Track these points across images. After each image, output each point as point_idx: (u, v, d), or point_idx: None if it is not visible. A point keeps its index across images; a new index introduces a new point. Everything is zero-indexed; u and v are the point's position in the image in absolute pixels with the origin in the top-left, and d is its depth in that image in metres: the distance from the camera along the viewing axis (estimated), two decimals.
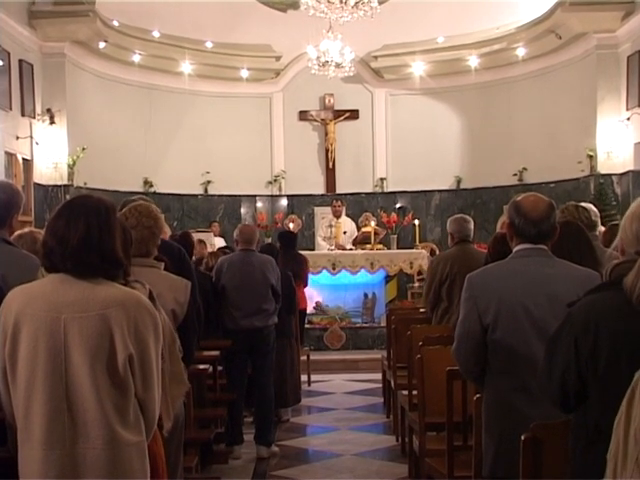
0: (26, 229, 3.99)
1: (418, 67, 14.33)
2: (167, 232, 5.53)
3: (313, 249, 12.70)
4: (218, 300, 6.42)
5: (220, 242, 11.77)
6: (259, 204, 14.92)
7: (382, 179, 14.91)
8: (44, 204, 11.53)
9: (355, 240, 12.07)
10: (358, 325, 11.57)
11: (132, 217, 3.80)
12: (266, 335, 6.51)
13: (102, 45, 12.59)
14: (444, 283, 6.07)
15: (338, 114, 14.86)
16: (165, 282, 3.76)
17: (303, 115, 14.95)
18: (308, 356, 9.58)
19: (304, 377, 9.22)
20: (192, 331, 4.04)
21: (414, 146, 14.68)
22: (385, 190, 14.87)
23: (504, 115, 14.11)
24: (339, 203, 12.44)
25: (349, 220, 12.66)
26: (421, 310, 7.22)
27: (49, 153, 11.79)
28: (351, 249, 11.89)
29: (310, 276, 10.12)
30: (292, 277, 7.47)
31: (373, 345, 11.14)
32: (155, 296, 2.72)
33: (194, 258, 7.20)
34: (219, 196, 14.66)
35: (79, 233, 2.29)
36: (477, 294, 3.01)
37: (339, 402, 8.44)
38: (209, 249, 9.15)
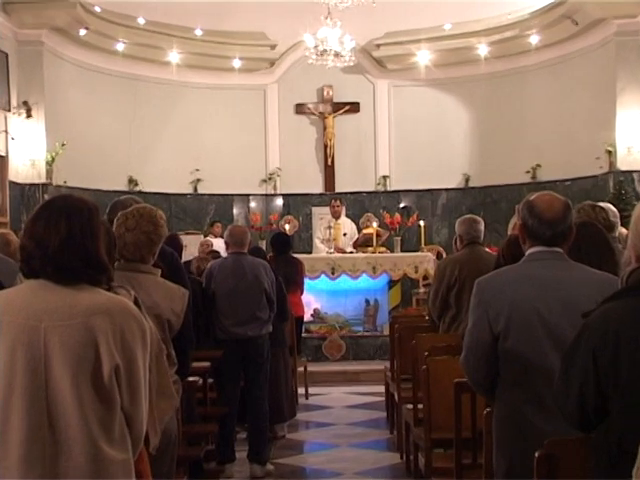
0: None
1: (423, 56, 14.35)
2: None
3: (311, 252, 12.73)
4: (208, 307, 6.44)
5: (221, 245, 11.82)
6: (252, 204, 14.95)
7: (385, 177, 14.98)
8: (20, 204, 11.50)
9: (356, 243, 12.10)
10: (359, 334, 11.59)
11: (132, 219, 3.85)
12: (260, 345, 6.52)
13: (83, 33, 12.56)
14: (452, 288, 6.09)
15: (337, 107, 14.92)
16: (161, 290, 3.78)
17: (300, 108, 15.01)
18: (305, 367, 9.58)
19: (301, 390, 9.22)
20: (188, 343, 4.07)
21: (419, 141, 14.72)
22: (388, 189, 14.94)
23: (516, 108, 14.15)
24: (338, 203, 12.48)
25: (349, 221, 12.70)
26: (427, 318, 7.22)
27: (26, 149, 11.76)
28: (351, 252, 11.93)
29: (307, 281, 10.14)
30: (282, 282, 7.44)
31: (375, 355, 11.17)
32: (141, 302, 2.73)
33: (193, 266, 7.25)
34: (210, 195, 14.71)
35: (60, 235, 2.29)
36: (487, 300, 3.02)
37: (339, 417, 8.44)
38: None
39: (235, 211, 14.89)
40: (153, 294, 3.71)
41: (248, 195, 14.94)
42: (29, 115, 11.63)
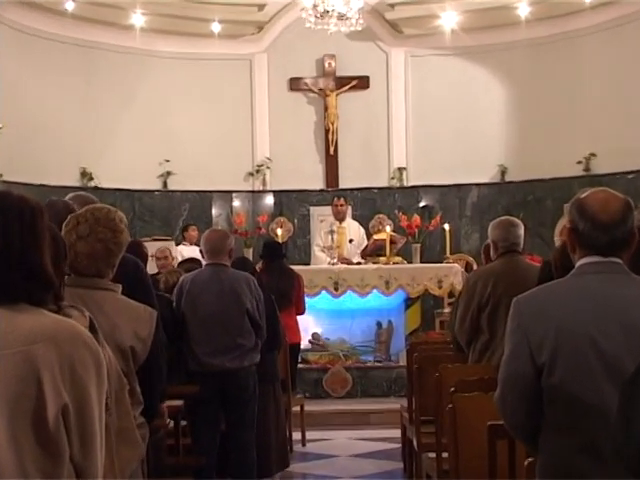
0: None
1: (449, 18, 14.36)
2: None
3: (308, 263, 12.75)
4: (180, 332, 6.48)
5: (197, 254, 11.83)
6: (236, 203, 15.00)
7: (401, 169, 15.00)
8: None
9: (365, 251, 12.10)
10: (369, 365, 11.62)
11: (85, 223, 3.84)
12: (243, 379, 6.56)
13: None
14: (484, 308, 6.11)
15: (342, 82, 14.96)
16: (123, 311, 3.80)
17: (295, 84, 15.08)
18: (302, 407, 9.59)
19: (297, 435, 9.22)
20: (157, 375, 4.09)
21: (443, 125, 14.77)
22: (405, 184, 14.99)
23: (565, 82, 14.20)
24: (342, 202, 12.51)
25: (356, 224, 12.73)
26: (453, 344, 7.10)
27: None
28: (359, 263, 11.92)
29: (305, 299, 10.12)
30: (274, 301, 7.49)
31: (389, 392, 11.20)
32: (97, 327, 2.70)
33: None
34: (183, 192, 14.79)
35: None
36: (528, 323, 3.02)
37: (344, 468, 8.43)
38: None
39: (214, 212, 14.95)
40: (113, 316, 3.72)
41: (230, 192, 15.02)
42: None
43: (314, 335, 11.71)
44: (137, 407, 3.69)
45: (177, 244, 12.87)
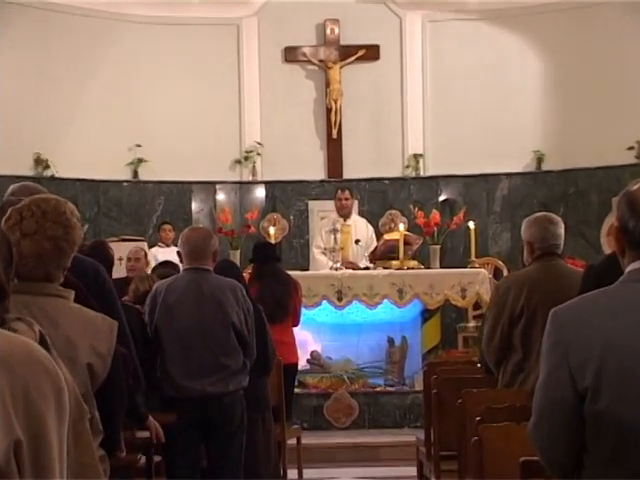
0: None
1: None
2: None
3: (306, 268, 12.79)
4: (152, 350, 6.48)
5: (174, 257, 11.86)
6: (220, 196, 15.06)
7: (417, 156, 14.99)
8: None
9: (374, 254, 12.10)
10: (379, 389, 11.63)
11: (30, 218, 3.80)
12: (228, 407, 6.54)
13: None
14: (517, 322, 6.11)
15: (346, 53, 14.97)
16: (78, 321, 3.78)
17: (291, 54, 15.10)
18: (299, 439, 9.59)
19: (292, 473, 9.18)
20: (118, 398, 4.09)
21: (468, 104, 14.78)
22: (422, 174, 14.97)
23: (614, 54, 14.16)
24: (348, 195, 12.52)
25: (364, 222, 12.75)
26: (479, 365, 7.19)
27: None
28: (367, 268, 11.94)
29: (303, 311, 10.17)
30: (262, 313, 7.49)
31: (402, 422, 11.23)
32: (50, 343, 2.65)
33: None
34: (157, 184, 14.83)
35: None
36: (569, 339, 3.01)
37: None
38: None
39: (194, 206, 15.00)
40: (66, 328, 3.71)
41: (214, 183, 15.07)
42: None
43: (313, 354, 11.73)
44: (96, 437, 3.67)
45: (150, 246, 12.85)
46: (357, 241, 12.25)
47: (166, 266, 8.68)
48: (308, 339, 11.50)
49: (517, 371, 6.14)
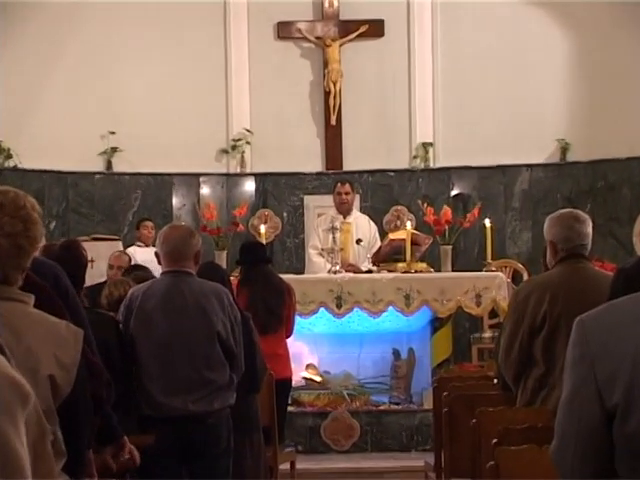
0: None
1: None
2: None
3: (302, 271, 12.83)
4: (128, 363, 6.46)
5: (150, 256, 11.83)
6: (205, 190, 15.11)
7: (426, 145, 14.98)
8: None
9: (377, 255, 12.08)
10: (383, 408, 11.58)
11: None
12: (212, 428, 6.52)
13: None
14: (538, 332, 6.11)
15: (347, 29, 14.99)
16: (40, 328, 3.77)
17: (284, 30, 15.13)
18: (293, 464, 9.62)
19: None
20: (83, 415, 4.07)
21: (484, 86, 14.79)
22: (432, 165, 14.97)
23: None
24: (348, 189, 12.54)
25: (366, 219, 12.75)
26: (495, 380, 7.19)
27: None
28: (370, 271, 11.93)
29: (298, 319, 10.20)
30: (250, 322, 7.49)
31: (410, 444, 11.20)
32: (7, 352, 2.66)
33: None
34: (133, 175, 14.83)
35: None
36: (596, 351, 2.98)
37: None
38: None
39: (175, 201, 15.04)
40: (26, 335, 3.71)
41: (197, 175, 15.09)
42: None
43: (310, 367, 11.73)
44: (59, 459, 3.63)
45: (126, 246, 12.85)
46: (358, 241, 12.26)
47: (142, 269, 8.63)
48: (303, 351, 11.53)
49: (538, 387, 6.12)
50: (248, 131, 15.00)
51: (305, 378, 11.67)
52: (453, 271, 12.15)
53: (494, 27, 14.92)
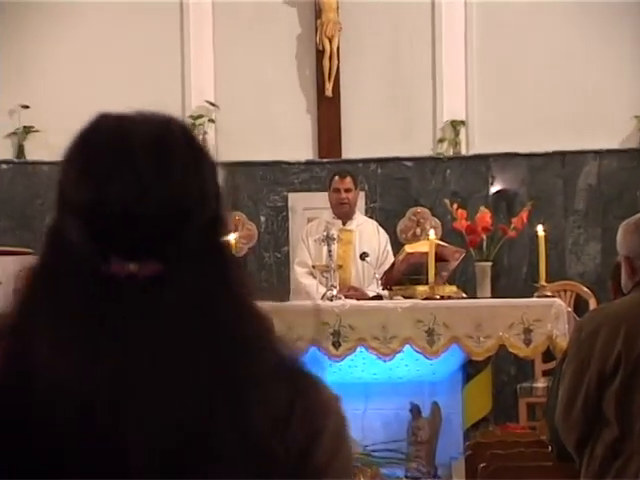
0: None
1: None
2: None
3: (286, 297, 12.01)
4: None
5: None
6: None
7: (456, 125, 14.10)
8: None
9: (389, 275, 11.61)
10: None
11: None
12: None
13: None
14: (610, 381, 5.75)
15: None
16: None
17: None
18: None
19: None
20: None
21: (534, 50, 13.98)
22: (463, 152, 14.18)
23: None
24: (349, 183, 11.95)
25: (374, 226, 12.34)
26: (550, 448, 7.09)
27: None
28: (379, 297, 11.51)
29: None
30: None
31: None
32: None
33: None
34: (53, 165, 14.07)
35: None
36: None
37: None
38: None
39: None
40: None
41: None
42: None
43: None
44: None
45: None
46: (363, 255, 11.57)
47: None
48: None
49: (611, 456, 5.73)
50: (212, 105, 14.09)
51: None
52: (493, 297, 11.47)
53: None
